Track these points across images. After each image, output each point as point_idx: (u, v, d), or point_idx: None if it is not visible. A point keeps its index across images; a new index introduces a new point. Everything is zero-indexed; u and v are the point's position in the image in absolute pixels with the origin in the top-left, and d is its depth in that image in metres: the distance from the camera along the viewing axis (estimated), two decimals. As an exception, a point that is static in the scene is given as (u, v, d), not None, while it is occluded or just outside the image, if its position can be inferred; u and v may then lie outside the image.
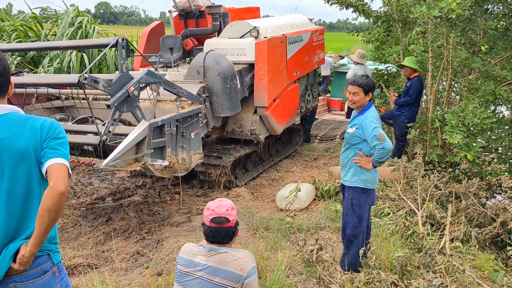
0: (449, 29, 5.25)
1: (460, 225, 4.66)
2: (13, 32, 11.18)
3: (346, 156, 3.80)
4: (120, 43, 4.33)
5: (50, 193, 1.83)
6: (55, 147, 1.91)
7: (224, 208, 2.47)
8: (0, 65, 1.85)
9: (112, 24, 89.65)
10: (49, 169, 1.87)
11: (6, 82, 1.88)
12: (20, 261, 1.89)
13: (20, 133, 1.87)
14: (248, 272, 2.41)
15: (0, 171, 1.84)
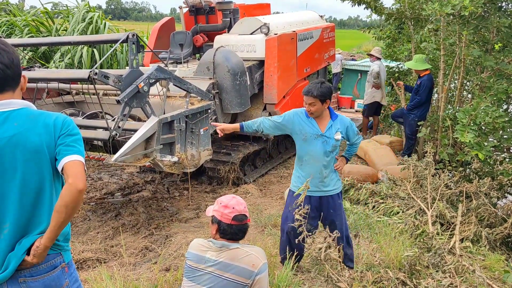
0: (462, 27, 5.19)
1: (471, 225, 4.61)
2: (25, 27, 11.26)
3: (328, 165, 3.60)
4: (130, 39, 4.34)
5: (69, 190, 1.82)
6: (70, 144, 1.90)
7: (242, 205, 2.50)
8: (7, 58, 1.81)
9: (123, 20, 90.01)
10: (66, 166, 1.86)
11: (15, 75, 1.85)
12: (34, 253, 1.88)
13: (33, 129, 1.85)
14: (259, 268, 2.41)
15: (13, 167, 1.83)
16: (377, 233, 4.67)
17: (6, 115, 1.83)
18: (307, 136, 3.54)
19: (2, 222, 1.85)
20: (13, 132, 1.81)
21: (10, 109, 1.84)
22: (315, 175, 3.58)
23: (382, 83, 8.31)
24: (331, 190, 3.68)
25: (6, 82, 1.82)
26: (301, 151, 3.64)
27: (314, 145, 3.54)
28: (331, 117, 3.59)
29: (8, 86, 1.84)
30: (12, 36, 10.81)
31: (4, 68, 1.79)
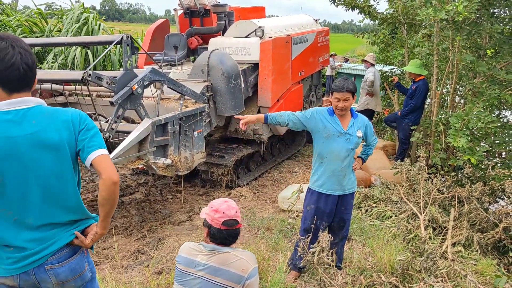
0: (455, 32, 5.24)
1: (463, 230, 4.64)
2: (18, 27, 11.19)
3: (348, 164, 3.64)
4: (125, 41, 4.33)
5: (105, 185, 1.91)
6: (92, 139, 1.95)
7: (233, 210, 2.48)
8: (30, 59, 1.83)
9: (117, 21, 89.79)
10: (95, 162, 1.92)
11: (34, 76, 1.88)
12: (92, 237, 2.03)
13: (52, 126, 1.88)
14: (249, 273, 2.40)
15: (34, 164, 1.85)
16: (370, 237, 4.68)
17: (23, 112, 1.85)
18: (330, 134, 3.57)
19: (25, 216, 1.88)
20: (32, 129, 1.84)
21: (26, 107, 1.86)
22: (335, 173, 3.62)
23: (377, 90, 8.34)
24: (349, 189, 3.72)
25: (26, 82, 1.86)
26: (322, 149, 3.64)
27: (337, 142, 3.57)
28: (352, 115, 3.64)
29: (27, 86, 1.87)
30: (5, 36, 10.73)
31: (27, 69, 1.82)
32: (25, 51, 1.81)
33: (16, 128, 1.81)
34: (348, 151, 3.59)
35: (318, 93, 8.96)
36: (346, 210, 3.77)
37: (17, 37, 1.85)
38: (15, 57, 1.77)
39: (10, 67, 1.77)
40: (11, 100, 1.83)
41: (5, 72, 1.77)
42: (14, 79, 1.80)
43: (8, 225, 1.87)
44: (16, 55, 1.78)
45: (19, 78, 1.81)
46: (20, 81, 1.82)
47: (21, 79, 1.82)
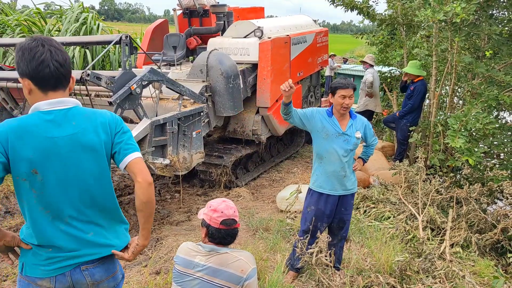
0: (454, 33, 5.24)
1: (461, 231, 4.64)
2: (17, 27, 11.17)
3: (347, 164, 3.65)
4: (123, 40, 4.32)
5: (141, 187, 1.93)
6: (128, 142, 1.99)
7: (231, 209, 2.48)
8: (61, 56, 1.84)
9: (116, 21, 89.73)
10: (130, 165, 1.95)
11: (67, 74, 1.88)
12: (133, 251, 2.05)
13: (91, 128, 1.90)
14: (248, 274, 2.39)
15: (74, 164, 1.87)
16: (368, 238, 4.68)
17: (63, 113, 1.86)
18: (329, 134, 3.58)
19: (63, 216, 1.89)
20: (73, 130, 1.86)
21: (65, 107, 1.88)
22: (335, 173, 3.63)
23: (376, 91, 8.34)
24: (349, 190, 3.72)
25: (59, 80, 1.86)
26: (321, 149, 3.66)
27: (336, 143, 3.58)
28: (350, 116, 3.65)
29: (61, 84, 1.87)
30: (3, 36, 10.72)
31: (58, 66, 1.83)
32: (55, 49, 1.83)
33: (57, 128, 1.83)
34: (346, 152, 3.60)
35: (317, 93, 8.96)
36: (346, 210, 3.77)
37: (49, 37, 1.87)
38: (44, 54, 1.79)
39: (40, 64, 1.78)
40: (51, 100, 1.84)
41: (37, 69, 1.79)
42: (46, 76, 1.81)
43: (47, 225, 1.87)
44: (46, 52, 1.79)
45: (51, 75, 1.81)
46: (52, 78, 1.82)
47: (54, 77, 1.83)
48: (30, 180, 1.79)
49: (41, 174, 1.80)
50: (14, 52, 1.88)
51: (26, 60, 1.78)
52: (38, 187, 1.81)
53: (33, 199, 1.83)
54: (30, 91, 1.84)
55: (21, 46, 1.81)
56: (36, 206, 1.84)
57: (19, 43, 1.83)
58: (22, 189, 1.82)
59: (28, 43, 1.81)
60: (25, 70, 1.80)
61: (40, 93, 1.84)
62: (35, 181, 1.80)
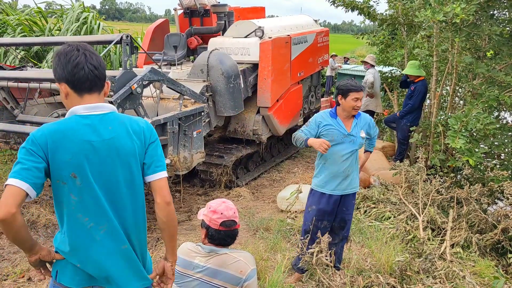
0: (454, 34, 5.23)
1: (461, 231, 4.64)
2: (18, 26, 11.17)
3: (352, 164, 3.65)
4: (124, 40, 4.33)
5: (160, 208, 1.96)
6: (161, 159, 2.01)
7: (231, 210, 2.48)
8: (95, 60, 1.86)
9: (117, 21, 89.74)
10: (155, 183, 1.98)
11: (102, 78, 1.89)
12: (170, 270, 2.07)
13: (126, 134, 1.91)
14: (248, 275, 2.39)
15: (110, 170, 1.86)
16: (369, 238, 4.68)
17: (100, 118, 1.87)
18: (334, 137, 3.57)
19: (100, 224, 1.87)
20: (109, 135, 1.86)
21: (102, 113, 1.88)
22: (338, 174, 3.63)
23: (377, 91, 8.33)
24: (351, 189, 3.73)
25: (94, 82, 1.87)
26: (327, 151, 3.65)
27: (341, 145, 3.58)
28: (354, 115, 3.63)
29: (96, 87, 1.88)
30: (4, 35, 10.72)
31: (93, 69, 1.84)
32: (90, 53, 1.85)
33: (94, 133, 1.83)
34: (352, 152, 3.61)
35: (317, 93, 8.96)
36: (347, 210, 3.78)
37: (84, 43, 1.89)
38: (79, 57, 1.81)
39: (75, 67, 1.80)
40: (88, 105, 1.85)
41: (72, 72, 1.81)
42: (81, 79, 1.83)
43: (83, 233, 1.86)
44: (80, 55, 1.82)
45: (86, 77, 1.83)
46: (87, 80, 1.84)
47: (88, 79, 1.84)
48: (69, 185, 1.79)
49: (79, 179, 1.79)
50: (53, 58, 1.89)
51: (62, 64, 1.81)
52: (77, 192, 1.80)
53: (72, 204, 1.82)
54: (67, 95, 1.86)
55: (57, 52, 1.84)
56: (75, 212, 1.83)
57: (56, 50, 1.85)
58: (61, 194, 1.81)
59: (63, 48, 1.84)
60: (61, 74, 1.82)
61: (77, 97, 1.85)
62: (74, 186, 1.79)
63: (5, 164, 6.91)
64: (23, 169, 1.69)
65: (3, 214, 1.61)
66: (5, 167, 6.77)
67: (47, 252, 1.88)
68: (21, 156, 1.73)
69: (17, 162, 1.72)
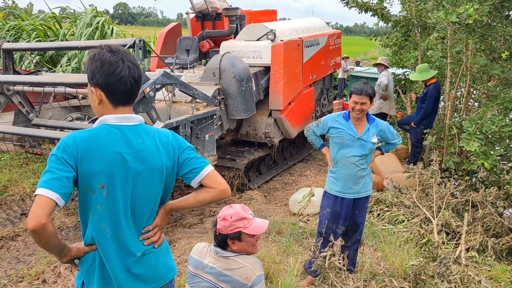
0: (468, 35, 5.18)
1: (476, 235, 4.58)
2: (33, 31, 11.34)
3: (363, 168, 3.63)
4: (137, 44, 4.36)
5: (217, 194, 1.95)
6: (198, 159, 1.98)
7: (228, 212, 2.43)
8: (137, 73, 1.84)
9: (130, 25, 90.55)
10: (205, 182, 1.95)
11: (138, 90, 1.89)
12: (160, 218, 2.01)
13: (154, 147, 1.88)
14: (253, 281, 2.33)
15: (133, 183, 1.84)
16: (382, 242, 4.64)
17: (130, 129, 1.84)
18: (344, 140, 3.56)
19: (118, 233, 1.86)
20: (139, 148, 1.84)
21: (132, 124, 1.86)
22: (350, 177, 3.62)
23: (390, 94, 8.26)
24: (364, 192, 3.71)
25: (132, 95, 1.86)
26: (335, 153, 3.65)
27: (351, 148, 3.56)
28: (368, 120, 3.61)
29: (132, 100, 1.88)
30: (19, 40, 10.89)
31: (133, 83, 1.83)
32: (133, 65, 1.82)
33: (125, 144, 1.81)
34: (362, 157, 3.58)
35: (329, 96, 8.93)
36: (360, 213, 3.76)
37: (127, 50, 1.85)
38: (124, 71, 1.78)
39: (119, 80, 1.78)
40: (119, 115, 1.83)
41: (115, 84, 1.78)
42: (122, 92, 1.81)
43: (105, 242, 1.85)
44: (125, 69, 1.79)
45: (126, 91, 1.82)
46: (126, 94, 1.83)
47: (128, 93, 1.83)
48: (97, 194, 1.77)
49: (107, 189, 1.78)
50: (88, 59, 1.83)
51: (104, 73, 1.77)
52: (103, 202, 1.79)
53: (96, 214, 1.81)
54: (101, 102, 1.83)
55: (100, 57, 1.79)
56: (99, 221, 1.82)
57: (98, 53, 1.80)
58: (88, 202, 1.80)
59: (108, 56, 1.78)
60: (101, 82, 1.78)
61: (111, 107, 1.83)
62: (100, 196, 1.77)
63: (20, 168, 7.01)
64: (53, 178, 1.66)
65: (34, 225, 1.60)
66: (20, 170, 6.86)
67: (77, 251, 1.88)
68: (51, 165, 1.70)
69: (46, 170, 1.69)
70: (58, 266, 4.19)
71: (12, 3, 14.24)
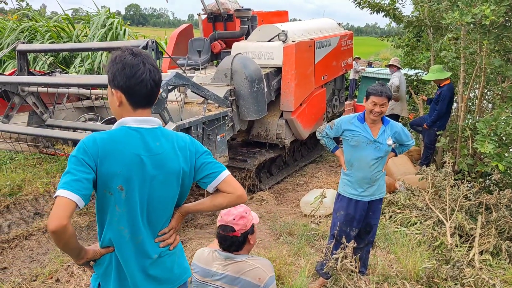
0: (483, 36, 5.12)
1: (490, 238, 4.52)
2: (47, 32, 11.47)
3: (378, 170, 3.61)
4: (150, 46, 4.39)
5: (228, 198, 1.95)
6: (215, 164, 1.99)
7: (232, 216, 2.42)
8: (157, 76, 1.84)
9: (141, 26, 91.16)
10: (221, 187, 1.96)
11: (158, 93, 1.89)
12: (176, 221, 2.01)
13: (172, 151, 1.89)
14: (266, 282, 2.34)
15: (151, 186, 1.84)
16: (394, 244, 4.61)
17: (149, 132, 1.85)
18: (359, 142, 3.53)
19: (136, 237, 1.87)
20: (157, 151, 1.85)
21: (150, 127, 1.87)
22: (365, 180, 3.60)
23: (402, 95, 8.20)
24: (378, 194, 3.70)
25: (152, 98, 1.87)
26: (350, 156, 3.62)
27: (366, 150, 3.53)
28: (383, 122, 3.58)
29: (151, 102, 1.88)
30: (33, 42, 11.02)
31: (154, 85, 1.83)
32: (154, 68, 1.83)
33: (144, 147, 1.82)
34: (377, 159, 3.56)
35: (341, 97, 8.90)
36: (373, 214, 3.74)
37: (148, 53, 1.86)
38: (145, 74, 1.79)
39: (140, 83, 1.79)
40: (138, 118, 1.84)
41: (135, 87, 1.79)
42: (142, 95, 1.82)
43: (123, 244, 1.86)
44: (146, 71, 1.79)
45: (146, 94, 1.82)
46: (146, 97, 1.84)
47: (148, 95, 1.84)
48: (115, 196, 1.78)
49: (125, 191, 1.78)
50: (109, 61, 1.84)
51: (126, 76, 1.78)
52: (122, 205, 1.80)
53: (115, 216, 1.81)
54: (121, 104, 1.83)
55: (121, 59, 1.79)
56: (117, 223, 1.82)
57: (119, 55, 1.80)
58: (107, 203, 1.81)
59: (130, 58, 1.79)
60: (122, 84, 1.79)
61: (130, 109, 1.84)
62: (119, 198, 1.78)
63: (34, 167, 7.09)
64: (73, 180, 1.67)
65: (55, 226, 1.61)
66: (34, 170, 6.94)
67: (93, 253, 1.89)
68: (71, 166, 1.71)
69: (67, 172, 1.70)
70: (71, 266, 4.23)
71: (26, 5, 14.43)
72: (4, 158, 7.41)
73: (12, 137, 5.40)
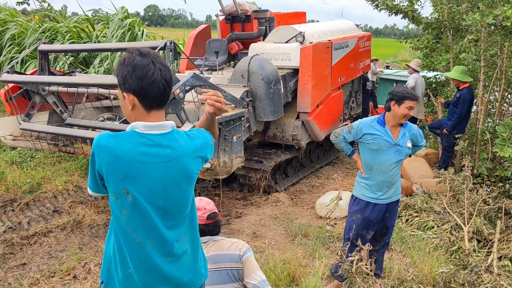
0: (504, 38, 5.04)
1: (509, 243, 4.44)
2: (67, 33, 11.66)
3: (397, 172, 3.60)
4: (168, 46, 4.43)
5: None
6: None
7: (211, 204, 2.67)
8: (168, 75, 1.82)
9: (160, 27, 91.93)
10: None
11: (170, 92, 1.87)
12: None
13: (185, 154, 1.87)
14: (244, 251, 2.57)
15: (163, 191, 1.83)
16: (411, 248, 4.56)
17: (160, 137, 1.82)
18: (381, 146, 3.51)
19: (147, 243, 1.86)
20: (167, 155, 1.82)
21: (162, 132, 1.83)
22: (385, 183, 3.58)
23: (419, 97, 8.12)
24: (395, 196, 3.68)
25: (165, 98, 1.85)
26: (370, 160, 3.59)
27: (387, 154, 3.51)
28: (401, 124, 3.56)
29: (164, 103, 1.86)
30: (54, 42, 11.21)
31: (166, 85, 1.81)
32: (164, 67, 1.80)
33: (151, 153, 1.79)
34: (398, 162, 3.55)
35: (358, 99, 8.84)
36: (390, 216, 3.72)
37: (157, 53, 1.83)
38: (156, 74, 1.76)
39: (151, 84, 1.76)
40: (149, 123, 1.81)
41: (147, 88, 1.76)
42: (155, 96, 1.79)
43: (131, 247, 1.85)
44: (157, 71, 1.76)
45: (159, 94, 1.80)
46: (159, 97, 1.81)
47: (161, 96, 1.82)
48: (121, 199, 1.79)
49: (131, 196, 1.78)
50: (118, 64, 1.81)
51: (137, 78, 1.75)
52: (128, 208, 1.80)
53: (122, 218, 1.82)
54: (134, 107, 1.81)
55: (130, 61, 1.76)
56: (125, 226, 1.83)
57: (128, 57, 1.77)
58: (115, 206, 1.82)
59: (139, 59, 1.76)
60: (133, 87, 1.76)
61: (144, 111, 1.81)
62: (126, 201, 1.78)
63: (53, 165, 7.21)
64: (92, 179, 1.86)
65: None
66: (53, 168, 7.06)
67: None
68: (90, 166, 1.85)
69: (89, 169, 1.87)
70: (89, 263, 4.29)
71: (47, 6, 14.69)
72: (25, 156, 7.55)
73: (33, 136, 5.51)
